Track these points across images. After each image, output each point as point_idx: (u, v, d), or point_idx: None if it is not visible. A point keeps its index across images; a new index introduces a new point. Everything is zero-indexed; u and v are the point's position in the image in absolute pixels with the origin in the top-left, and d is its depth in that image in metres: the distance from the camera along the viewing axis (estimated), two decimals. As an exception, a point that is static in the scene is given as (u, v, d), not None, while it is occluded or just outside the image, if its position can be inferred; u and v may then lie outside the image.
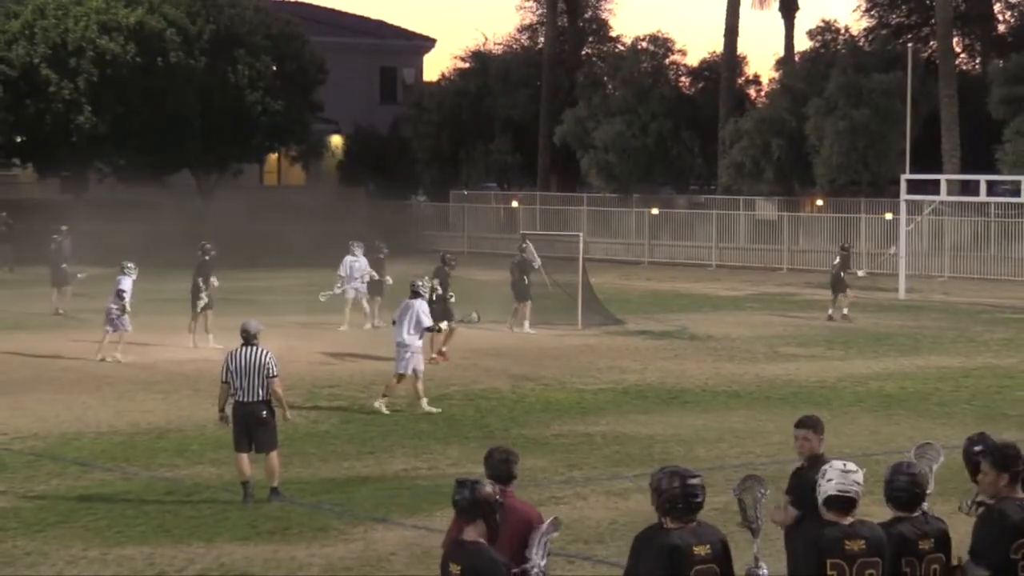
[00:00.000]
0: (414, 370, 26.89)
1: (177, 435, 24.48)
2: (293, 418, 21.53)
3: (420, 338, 27.16)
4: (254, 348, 19.91)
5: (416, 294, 27.56)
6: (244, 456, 19.73)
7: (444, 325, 31.82)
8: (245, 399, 19.70)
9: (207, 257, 36.88)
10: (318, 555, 17.27)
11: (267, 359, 19.84)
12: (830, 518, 10.03)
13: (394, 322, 27.64)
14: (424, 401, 26.79)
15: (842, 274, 42.15)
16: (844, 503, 10.02)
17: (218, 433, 21.66)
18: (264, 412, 19.73)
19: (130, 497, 20.07)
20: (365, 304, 38.88)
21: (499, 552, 10.45)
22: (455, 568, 9.99)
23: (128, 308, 33.72)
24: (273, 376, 19.78)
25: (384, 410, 26.54)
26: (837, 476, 10.07)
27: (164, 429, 25.03)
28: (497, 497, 10.17)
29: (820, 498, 10.08)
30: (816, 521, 10.21)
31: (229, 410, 20.00)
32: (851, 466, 10.14)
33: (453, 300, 33.24)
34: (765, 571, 10.18)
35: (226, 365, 19.92)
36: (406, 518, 19.04)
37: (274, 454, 19.87)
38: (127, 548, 17.43)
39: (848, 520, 10.03)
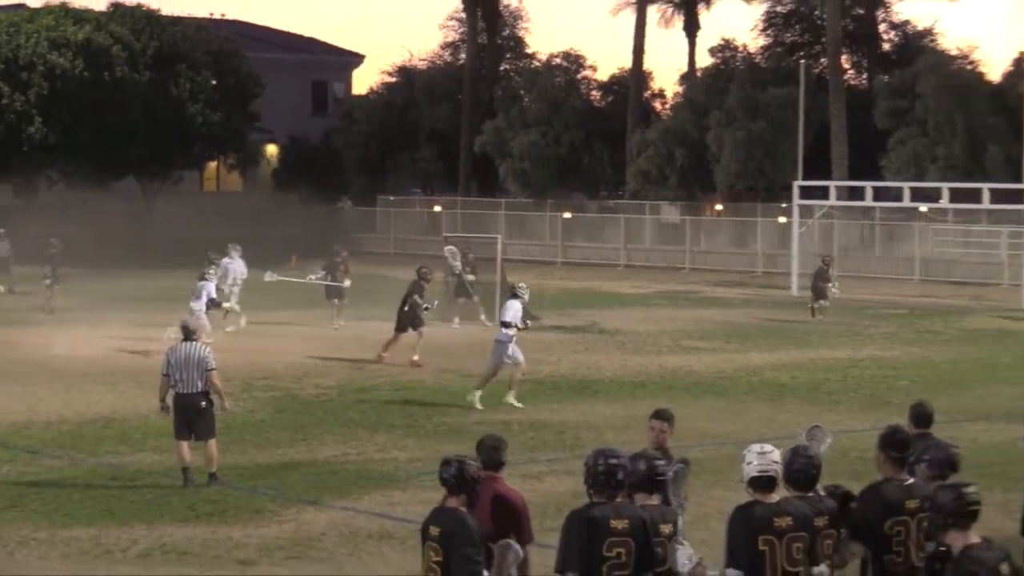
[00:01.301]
0: (516, 360, 26.65)
1: (122, 424, 24.29)
2: (231, 407, 21.47)
3: (512, 333, 26.62)
4: (193, 343, 19.89)
5: (515, 295, 27.39)
6: (184, 444, 19.66)
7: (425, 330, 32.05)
8: (185, 390, 19.66)
9: (54, 251, 40.79)
10: (254, 536, 17.18)
11: (205, 353, 19.84)
12: (756, 497, 10.06)
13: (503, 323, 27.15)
14: (478, 393, 26.28)
15: (820, 283, 41.81)
16: (766, 482, 10.08)
17: (160, 422, 21.53)
18: (203, 402, 19.69)
19: (77, 482, 19.91)
20: (235, 305, 38.21)
21: (486, 523, 10.73)
22: (435, 530, 10.24)
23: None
24: (211, 369, 19.74)
25: (516, 403, 26.10)
26: (756, 458, 10.13)
27: (110, 418, 24.84)
28: (480, 474, 10.52)
29: (744, 480, 10.12)
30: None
31: (170, 401, 19.91)
32: (768, 447, 10.21)
33: (428, 309, 32.64)
34: (686, 546, 10.19)
35: (167, 359, 19.91)
36: (336, 500, 18.97)
37: (212, 441, 19.80)
38: (74, 530, 17.29)
39: (773, 498, 10.08)
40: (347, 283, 39.01)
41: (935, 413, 13.42)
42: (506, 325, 26.61)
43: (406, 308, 31.90)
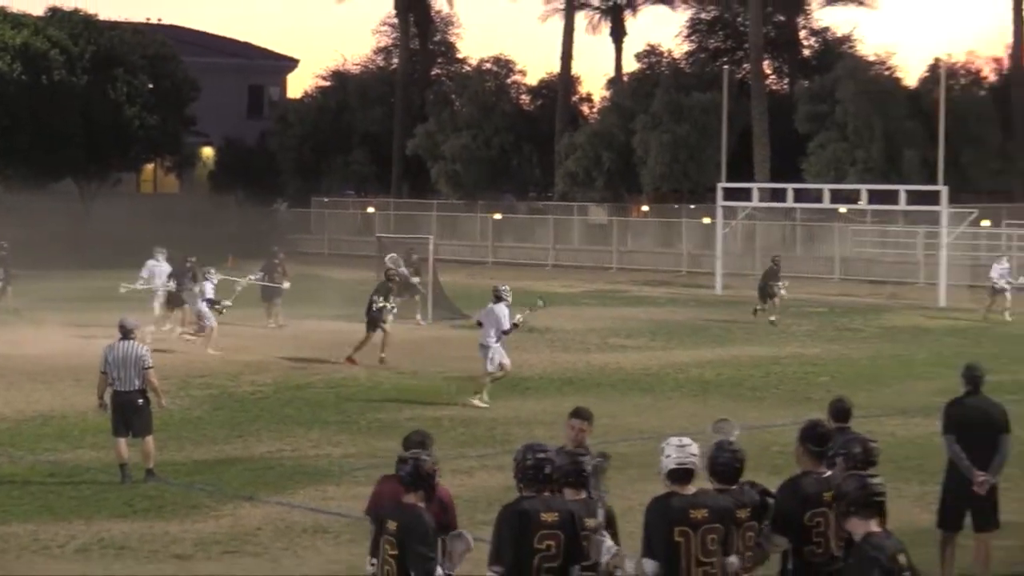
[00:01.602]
0: (501, 365, 26.42)
1: (60, 421, 24.12)
2: (167, 405, 21.38)
3: (497, 340, 26.32)
4: (131, 342, 19.78)
5: (499, 298, 26.88)
6: (122, 440, 19.55)
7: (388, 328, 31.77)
8: (122, 388, 19.57)
9: (4, 252, 40.66)
10: (190, 530, 17.10)
11: (142, 351, 19.74)
12: (674, 489, 10.09)
13: (479, 323, 27.10)
14: (481, 396, 26.03)
15: (770, 283, 40.89)
16: (684, 475, 10.12)
17: (98, 419, 21.37)
18: (140, 400, 19.60)
19: (16, 479, 19.75)
20: (157, 307, 37.60)
21: None
22: (392, 525, 10.20)
23: (220, 306, 34.14)
24: (148, 367, 19.65)
25: (481, 404, 25.80)
26: (675, 451, 10.16)
27: (48, 416, 24.66)
28: (436, 469, 10.44)
29: (662, 472, 10.14)
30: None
31: (108, 398, 19.79)
32: (686, 440, 10.25)
33: (395, 311, 32.41)
34: (606, 537, 10.21)
35: (105, 357, 19.78)
36: (271, 496, 18.91)
37: (150, 438, 19.70)
38: (12, 526, 17.15)
39: (691, 490, 10.11)
40: (286, 284, 38.83)
41: (854, 408, 13.50)
42: (506, 333, 26.41)
43: (373, 309, 31.64)
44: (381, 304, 31.68)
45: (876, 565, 8.78)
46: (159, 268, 37.94)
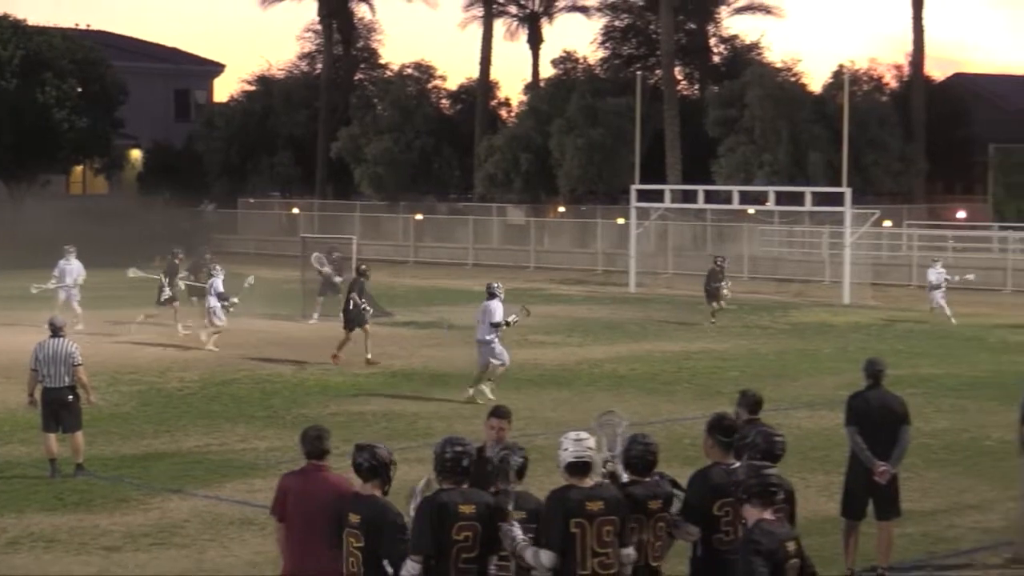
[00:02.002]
0: (490, 361, 26.24)
1: (-9, 418, 23.91)
2: (97, 400, 21.23)
3: (490, 334, 26.13)
4: (60, 339, 19.62)
5: (492, 295, 26.63)
6: (51, 436, 19.45)
7: (369, 327, 31.21)
8: (52, 384, 19.44)
9: None
10: (119, 523, 17.00)
11: (72, 349, 19.60)
12: (572, 482, 10.11)
13: (492, 325, 26.62)
14: (475, 388, 25.95)
15: (713, 284, 40.18)
16: (581, 467, 10.14)
17: (28, 415, 21.22)
18: (69, 396, 19.48)
19: (-53, 474, 19.58)
20: (76, 306, 37.10)
21: (318, 513, 10.65)
22: (354, 518, 10.20)
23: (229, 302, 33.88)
24: (77, 364, 19.52)
25: (490, 395, 25.57)
26: (572, 445, 10.18)
27: (-21, 413, 24.43)
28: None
29: (561, 465, 10.16)
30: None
31: (38, 395, 19.62)
32: (583, 435, 10.27)
33: (366, 308, 31.57)
34: (515, 527, 10.22)
35: (35, 354, 19.64)
36: (199, 489, 18.82)
37: (79, 434, 19.58)
38: (-56, 520, 16.99)
39: (588, 483, 10.13)
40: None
41: (763, 401, 13.58)
42: (496, 327, 26.20)
43: (351, 307, 31.07)
44: (363, 305, 31.12)
45: (758, 551, 8.83)
46: (69, 267, 37.58)
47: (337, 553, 10.55)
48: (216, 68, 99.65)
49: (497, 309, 26.35)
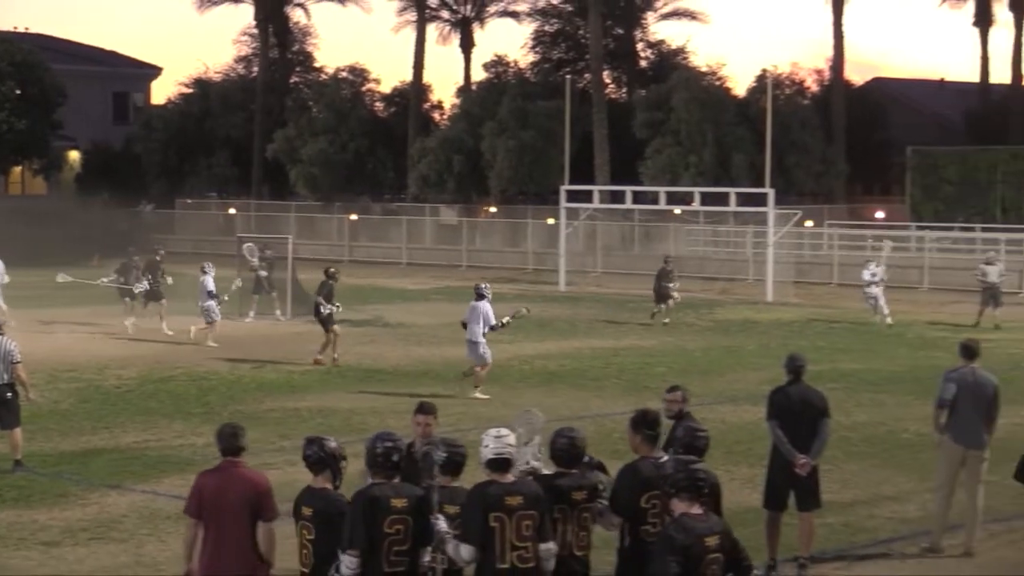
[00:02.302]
0: (484, 360, 26.21)
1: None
2: (36, 397, 21.09)
3: (483, 336, 26.17)
4: (0, 337, 19.45)
5: (481, 296, 26.57)
6: (-10, 433, 19.28)
7: (337, 328, 30.53)
8: None
9: None
10: (58, 518, 16.88)
11: (11, 347, 19.39)
12: (493, 477, 10.11)
13: (463, 324, 26.76)
14: (481, 389, 25.88)
15: (663, 283, 39.86)
16: (501, 464, 10.15)
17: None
18: (8, 393, 19.33)
19: None
20: (1, 303, 37.16)
21: (235, 508, 10.65)
22: (307, 511, 10.23)
23: (220, 299, 34.17)
24: (16, 362, 19.35)
25: (482, 396, 25.54)
26: (493, 442, 10.19)
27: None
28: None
29: (482, 461, 10.17)
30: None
31: (-23, 392, 19.45)
32: (504, 431, 10.29)
33: (339, 310, 31.12)
34: (441, 520, 10.22)
35: None
36: (137, 484, 18.71)
37: (18, 430, 19.43)
38: None
39: (508, 479, 10.13)
40: (144, 285, 37.81)
41: (690, 396, 13.62)
42: (493, 329, 26.21)
43: (322, 312, 30.38)
44: (328, 309, 30.48)
45: (671, 547, 8.83)
46: None
47: (250, 548, 10.58)
48: (154, 71, 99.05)
49: (490, 311, 26.36)
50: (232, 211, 73.19)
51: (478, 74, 77.16)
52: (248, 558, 10.89)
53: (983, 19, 77.18)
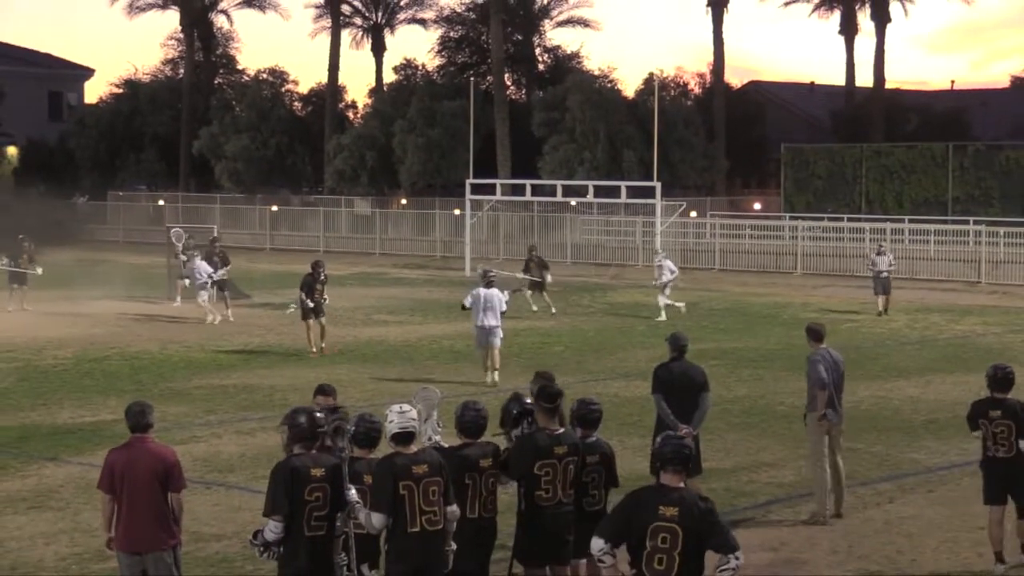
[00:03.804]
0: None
1: None
2: None
3: (499, 320, 24.90)
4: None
5: (490, 283, 25.21)
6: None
7: (311, 322, 28.57)
8: None
9: None
10: (-1, 489, 16.66)
11: None
12: (398, 449, 10.11)
13: (464, 307, 25.53)
14: (496, 374, 24.70)
15: (538, 271, 37.99)
16: (406, 437, 10.15)
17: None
18: None
19: None
20: None
21: (145, 481, 10.42)
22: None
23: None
24: None
25: (495, 379, 24.42)
26: (397, 417, 10.17)
27: None
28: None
29: (388, 435, 10.17)
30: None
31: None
32: (406, 407, 10.30)
33: (327, 302, 29.43)
34: (352, 490, 10.20)
35: None
36: (73, 457, 18.50)
37: None
38: None
39: (412, 450, 10.14)
40: (38, 270, 37.13)
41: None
42: (503, 315, 24.96)
43: (307, 304, 28.72)
44: (295, 305, 29.22)
45: (625, 504, 8.79)
46: None
47: (161, 517, 10.65)
48: (87, 72, 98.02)
49: (502, 299, 25.18)
50: (161, 203, 72.51)
51: (389, 76, 77.03)
52: (160, 526, 10.83)
53: (849, 28, 77.94)
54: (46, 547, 14.30)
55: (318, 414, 10.30)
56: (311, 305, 28.76)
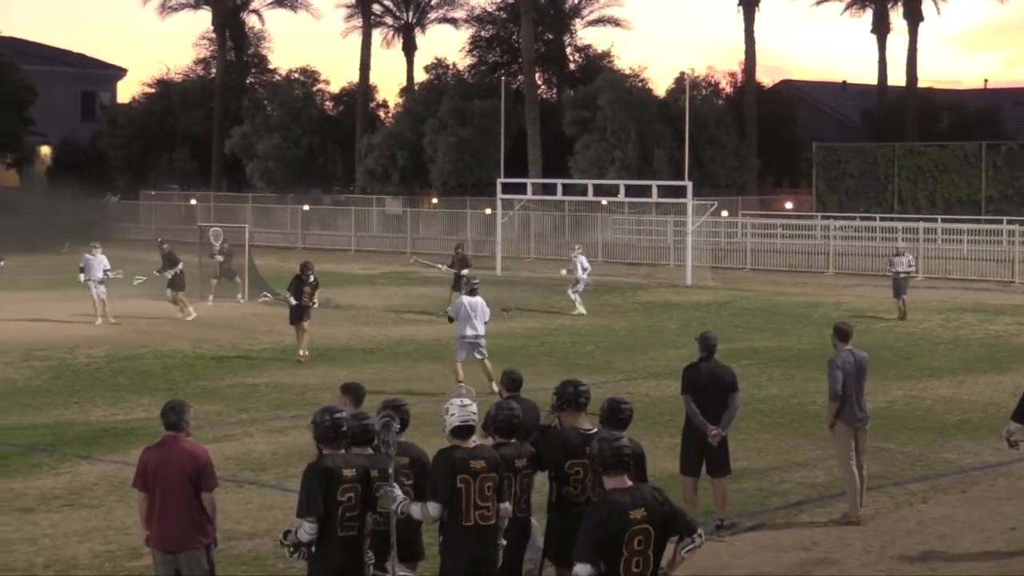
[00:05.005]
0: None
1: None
2: None
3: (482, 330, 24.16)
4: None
5: (473, 291, 24.26)
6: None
7: (306, 324, 28.07)
8: None
9: None
10: (32, 487, 16.73)
11: None
12: (456, 443, 10.12)
13: (450, 319, 24.53)
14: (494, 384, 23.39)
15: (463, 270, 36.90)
16: (466, 430, 10.15)
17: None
18: None
19: None
20: None
21: (177, 480, 10.60)
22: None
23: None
24: None
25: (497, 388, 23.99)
26: (458, 411, 10.18)
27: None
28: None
29: (447, 428, 10.16)
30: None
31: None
32: (467, 401, 10.28)
33: (315, 306, 28.62)
34: (395, 488, 10.19)
35: None
36: (106, 455, 18.57)
37: None
38: None
39: (470, 444, 10.15)
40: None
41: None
42: (484, 324, 24.20)
43: (292, 300, 28.41)
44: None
45: (592, 520, 8.56)
46: None
47: (194, 516, 10.65)
48: (119, 72, 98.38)
49: (485, 307, 24.41)
50: (193, 202, 72.73)
51: (420, 75, 77.09)
52: (193, 525, 10.82)
53: (881, 27, 77.69)
54: (79, 545, 14.36)
55: (339, 414, 10.21)
56: (293, 303, 28.18)
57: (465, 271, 36.23)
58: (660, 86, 72.18)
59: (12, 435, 19.66)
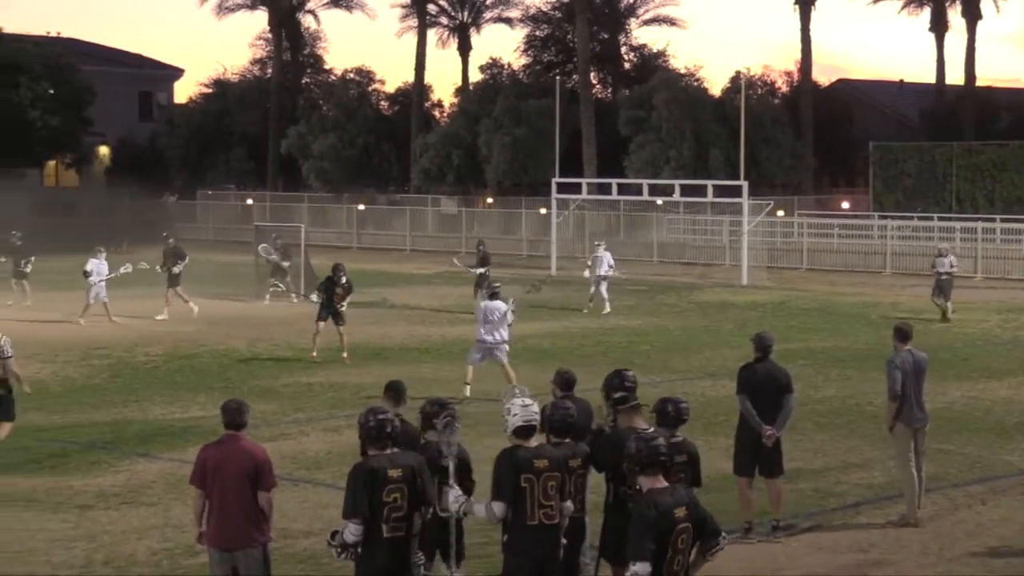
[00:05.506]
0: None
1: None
2: (31, 390, 19.33)
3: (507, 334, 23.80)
4: (-7, 332, 18.24)
5: (494, 294, 23.71)
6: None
7: (343, 329, 27.92)
8: None
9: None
10: (91, 484, 16.87)
11: (2, 342, 17.58)
12: (519, 443, 10.12)
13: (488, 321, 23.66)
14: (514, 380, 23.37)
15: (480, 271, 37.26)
16: (528, 430, 10.14)
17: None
18: (1, 391, 17.67)
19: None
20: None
21: (235, 478, 10.54)
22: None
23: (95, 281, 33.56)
24: (7, 357, 17.55)
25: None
26: (520, 410, 10.17)
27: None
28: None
29: (510, 428, 10.15)
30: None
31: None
32: (528, 401, 10.27)
33: (343, 309, 28.31)
34: (455, 488, 10.20)
35: None
36: (164, 453, 18.70)
37: (8, 425, 17.83)
38: (-69, 483, 16.77)
39: (533, 443, 10.15)
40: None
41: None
42: (508, 328, 23.77)
43: (323, 304, 28.30)
44: (316, 299, 28.68)
45: (644, 520, 8.59)
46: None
47: (251, 515, 10.68)
48: (176, 72, 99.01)
49: (506, 312, 23.82)
50: (249, 202, 73.17)
51: (475, 75, 77.22)
52: (250, 524, 10.85)
53: (939, 25, 77.12)
54: (138, 542, 14.46)
55: (384, 415, 10.20)
56: (314, 300, 28.27)
57: (480, 270, 36.58)
58: (716, 85, 72.06)
59: (72, 433, 19.83)
